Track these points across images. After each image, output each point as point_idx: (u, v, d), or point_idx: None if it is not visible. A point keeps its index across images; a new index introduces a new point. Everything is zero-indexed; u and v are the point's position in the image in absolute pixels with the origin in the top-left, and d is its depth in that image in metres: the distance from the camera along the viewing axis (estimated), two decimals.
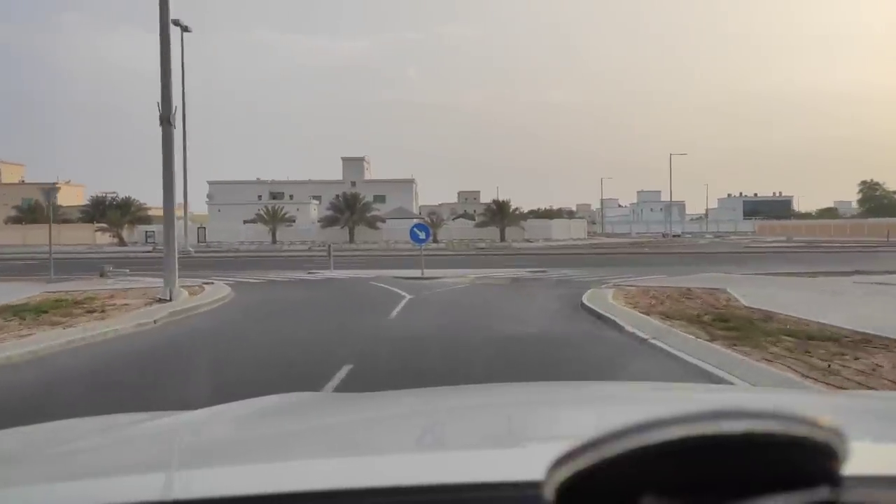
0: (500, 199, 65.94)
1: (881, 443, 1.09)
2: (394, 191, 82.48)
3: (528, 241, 63.38)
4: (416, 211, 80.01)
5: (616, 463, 0.57)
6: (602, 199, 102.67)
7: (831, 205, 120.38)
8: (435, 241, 60.54)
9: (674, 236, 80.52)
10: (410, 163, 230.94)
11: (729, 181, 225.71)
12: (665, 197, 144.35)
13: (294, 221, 66.05)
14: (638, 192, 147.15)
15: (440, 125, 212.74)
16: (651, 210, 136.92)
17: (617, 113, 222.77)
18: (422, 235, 23.53)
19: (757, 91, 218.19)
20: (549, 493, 0.59)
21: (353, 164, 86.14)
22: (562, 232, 70.57)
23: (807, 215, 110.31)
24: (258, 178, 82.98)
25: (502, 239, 62.92)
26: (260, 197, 76.37)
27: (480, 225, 65.51)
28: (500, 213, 64.26)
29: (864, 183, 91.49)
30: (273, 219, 62.66)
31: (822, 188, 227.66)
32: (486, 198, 77.75)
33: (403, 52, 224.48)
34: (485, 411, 1.50)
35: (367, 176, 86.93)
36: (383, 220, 64.95)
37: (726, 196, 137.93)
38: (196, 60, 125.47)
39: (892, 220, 73.55)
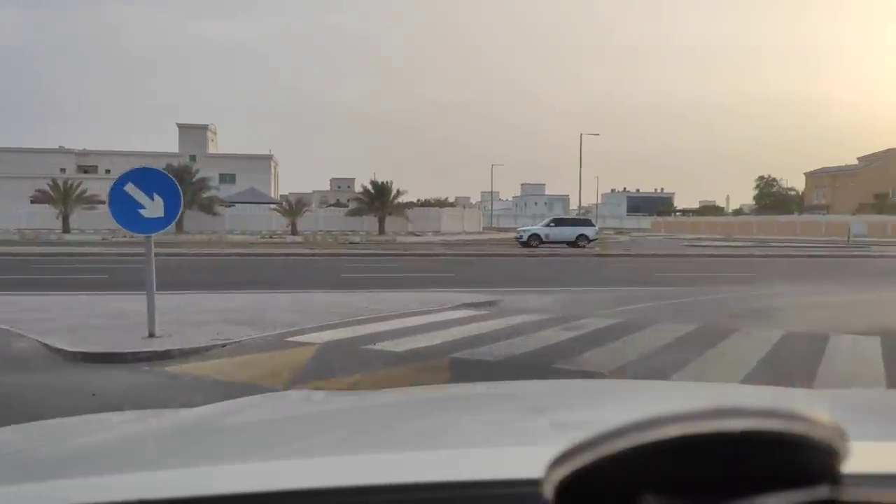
0: (382, 181, 50.26)
1: (881, 441, 1.05)
2: (246, 169, 64.22)
3: (413, 233, 48.42)
4: (275, 195, 62.90)
5: (615, 461, 0.55)
6: (492, 190, 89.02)
7: (705, 201, 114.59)
8: (294, 232, 45.08)
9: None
10: (279, 152, 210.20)
11: (612, 178, 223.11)
12: (549, 190, 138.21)
13: (105, 203, 47.18)
14: (522, 184, 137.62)
15: (317, 116, 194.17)
16: (535, 203, 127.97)
17: (501, 112, 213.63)
18: (145, 209, 7.11)
19: (642, 98, 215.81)
20: (548, 491, 0.57)
21: (193, 133, 65.50)
22: (454, 223, 56.19)
23: (688, 211, 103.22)
24: (61, 147, 62.63)
25: (381, 231, 47.57)
26: (64, 170, 56.41)
27: (354, 213, 49.51)
28: (378, 199, 48.75)
29: (760, 178, 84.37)
30: (65, 198, 43.58)
31: (696, 186, 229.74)
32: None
33: (280, 37, 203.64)
34: (483, 409, 1.45)
35: (213, 150, 67.75)
36: (225, 204, 47.74)
37: (610, 191, 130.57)
38: None
39: (789, 217, 66.67)
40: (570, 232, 32.48)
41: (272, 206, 52.31)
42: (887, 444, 1.01)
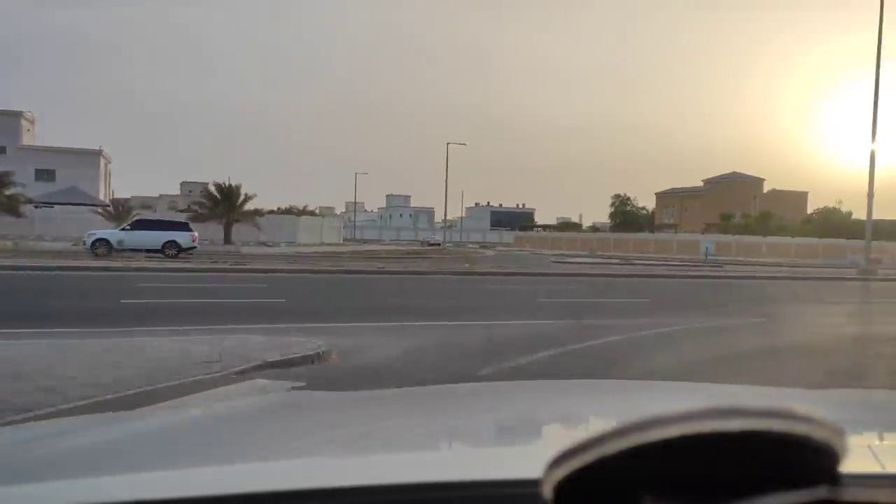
0: (229, 183, 44.16)
1: (880, 441, 1.06)
2: (70, 165, 54.33)
3: (265, 244, 42.93)
4: (106, 196, 54.45)
5: (614, 461, 0.54)
6: (355, 200, 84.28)
7: (563, 217, 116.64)
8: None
9: (430, 245, 65.58)
10: (125, 152, 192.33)
11: (476, 192, 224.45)
12: (414, 203, 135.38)
13: None
14: (387, 195, 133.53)
15: (172, 115, 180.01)
16: (401, 215, 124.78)
17: (367, 121, 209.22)
18: None
19: (503, 113, 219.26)
20: (547, 491, 0.56)
21: (3, 121, 53.90)
22: (312, 234, 51.16)
23: (548, 226, 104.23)
24: None
25: (227, 240, 41.69)
26: None
27: (195, 219, 42.89)
28: (225, 203, 42.79)
29: (616, 196, 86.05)
30: None
31: (554, 202, 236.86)
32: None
33: (135, 33, 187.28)
34: (483, 409, 1.42)
35: (30, 142, 57.04)
36: (36, 204, 39.71)
37: (475, 205, 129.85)
38: None
39: (643, 235, 68.17)
40: (154, 238, 25.48)
41: (98, 209, 44.63)
42: (885, 445, 1.00)
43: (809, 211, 78.82)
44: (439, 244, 64.17)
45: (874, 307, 16.02)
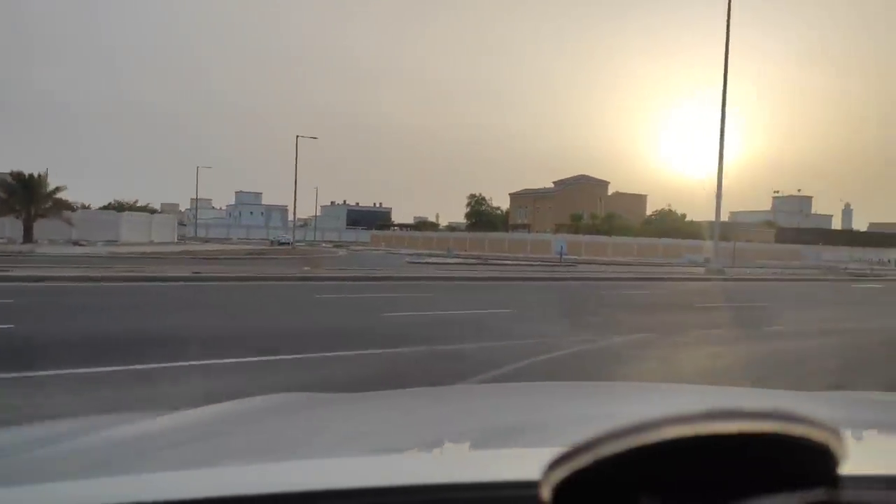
0: (30, 173, 36.91)
1: (878, 443, 1.05)
2: None
3: (78, 243, 36.37)
4: None
5: (612, 463, 0.54)
6: (196, 196, 76.69)
7: (420, 217, 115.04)
8: None
9: (281, 244, 60.83)
10: None
11: (332, 190, 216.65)
12: (266, 200, 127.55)
13: None
14: (236, 192, 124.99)
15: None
16: (251, 213, 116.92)
17: (212, 114, 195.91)
18: None
19: (358, 111, 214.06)
20: (545, 493, 0.56)
21: None
22: (139, 232, 44.71)
23: (405, 225, 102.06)
24: None
25: (27, 238, 34.85)
26: None
27: None
28: (25, 193, 35.74)
29: (472, 196, 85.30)
30: None
31: (411, 202, 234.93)
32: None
33: None
34: (481, 411, 1.40)
35: None
36: None
37: (330, 204, 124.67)
38: None
39: (498, 234, 67.88)
40: None
41: None
42: (883, 446, 0.99)
43: (648, 212, 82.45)
44: (289, 243, 59.36)
45: (752, 313, 14.43)
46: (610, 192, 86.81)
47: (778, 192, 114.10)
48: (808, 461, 0.55)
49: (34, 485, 0.85)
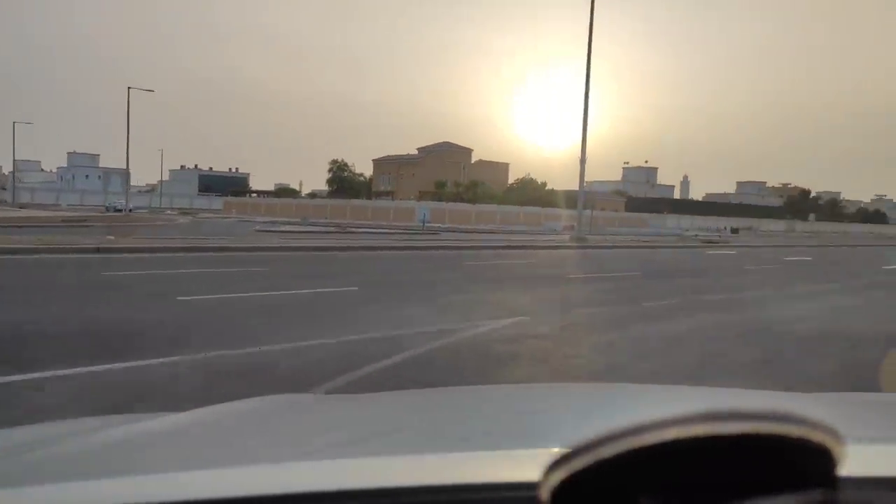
0: None
1: (878, 444, 1.03)
2: None
3: None
4: None
5: (612, 464, 0.53)
6: (14, 157, 66.37)
7: (281, 184, 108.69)
8: None
9: (117, 210, 54.34)
10: None
11: (183, 154, 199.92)
12: (104, 163, 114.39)
13: None
14: (68, 153, 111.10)
15: None
16: (87, 177, 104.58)
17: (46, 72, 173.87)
18: None
19: (214, 76, 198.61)
20: (544, 494, 0.55)
21: None
22: None
23: (264, 192, 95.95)
24: None
25: None
26: None
27: None
28: None
29: (333, 162, 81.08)
30: None
31: (273, 169, 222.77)
32: None
33: None
34: (480, 412, 1.39)
35: None
36: None
37: (179, 168, 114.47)
38: None
39: (360, 201, 65.28)
40: None
41: None
42: (883, 448, 0.99)
43: (510, 181, 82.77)
44: (122, 210, 52.85)
45: (628, 284, 12.96)
46: (473, 159, 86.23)
47: (627, 163, 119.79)
48: (807, 462, 0.55)
49: (33, 486, 0.83)
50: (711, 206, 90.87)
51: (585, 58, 28.86)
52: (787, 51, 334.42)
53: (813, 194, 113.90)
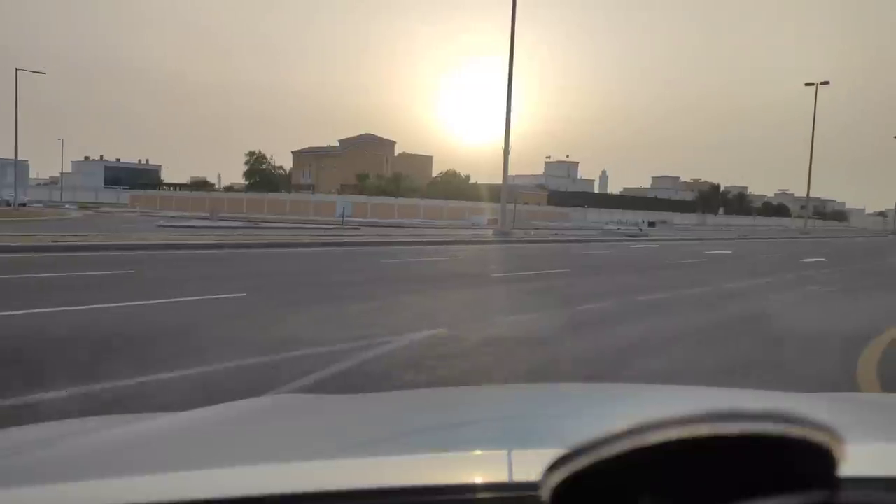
0: None
1: (878, 444, 1.03)
2: None
3: None
4: None
5: (613, 465, 0.53)
6: None
7: (198, 177, 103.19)
8: None
9: (7, 204, 49.68)
10: None
11: (91, 145, 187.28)
12: (2, 153, 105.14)
13: None
14: None
15: None
16: None
17: None
18: None
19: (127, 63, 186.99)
20: (545, 494, 0.55)
21: None
22: None
23: (178, 185, 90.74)
24: None
25: None
26: None
27: None
28: None
29: (251, 154, 77.02)
30: None
31: (189, 161, 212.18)
32: None
33: None
34: (481, 412, 1.37)
35: None
36: None
37: (84, 159, 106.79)
38: None
39: (278, 195, 62.50)
40: None
41: None
42: (884, 448, 0.99)
43: (434, 174, 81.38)
44: (10, 203, 48.14)
45: (558, 282, 11.74)
46: (397, 152, 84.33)
47: (549, 157, 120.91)
48: (807, 463, 0.55)
49: (29, 487, 0.82)
50: (629, 200, 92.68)
51: (508, 50, 27.94)
52: (699, 51, 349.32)
53: (722, 189, 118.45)
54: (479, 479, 0.75)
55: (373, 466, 0.87)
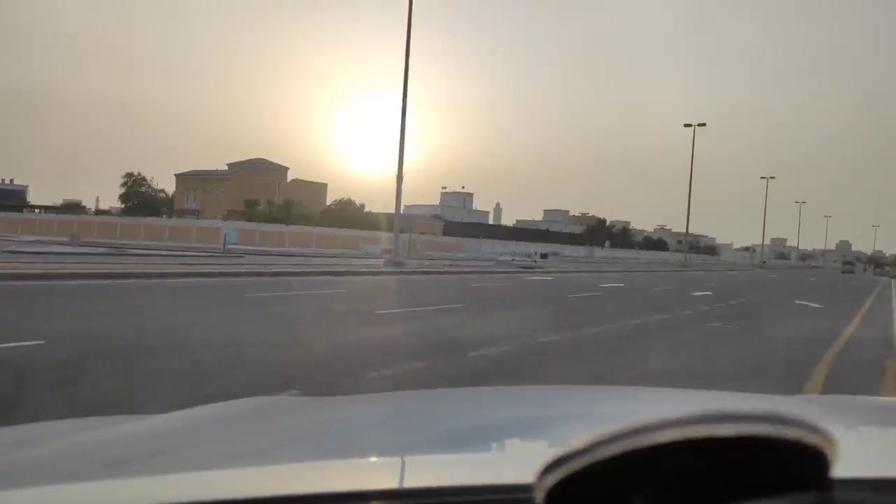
0: None
1: (871, 446, 1.04)
2: None
3: None
4: None
5: (607, 466, 0.53)
6: None
7: (71, 199, 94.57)
8: None
9: None
10: None
11: None
12: None
13: None
14: None
15: None
16: None
17: None
18: None
19: None
20: (539, 496, 0.55)
21: None
22: None
23: (48, 207, 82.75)
24: None
25: None
26: None
27: None
28: None
29: (128, 175, 71.24)
30: None
31: (62, 182, 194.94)
32: None
33: None
34: (475, 414, 1.35)
35: None
36: None
37: None
38: None
39: (157, 220, 58.20)
40: None
41: None
42: (877, 449, 0.97)
43: (328, 202, 78.86)
44: None
45: (451, 320, 10.32)
46: (290, 178, 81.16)
47: (445, 187, 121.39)
48: (801, 464, 0.54)
49: (14, 489, 0.79)
50: (522, 233, 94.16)
51: (403, 76, 26.92)
52: (589, 93, 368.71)
53: (608, 223, 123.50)
54: (472, 481, 0.74)
55: (362, 468, 0.85)
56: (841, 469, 0.56)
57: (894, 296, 24.94)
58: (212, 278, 16.60)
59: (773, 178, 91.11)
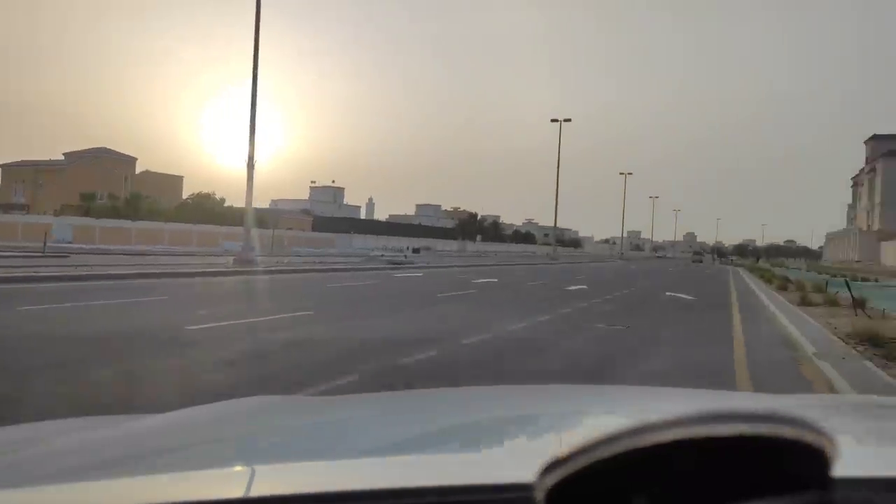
0: None
1: (872, 445, 1.04)
2: None
3: None
4: None
5: (608, 466, 0.53)
6: None
7: None
8: None
9: None
10: None
11: None
12: None
13: None
14: None
15: None
16: None
17: None
18: None
19: None
20: (539, 496, 0.54)
21: None
22: None
23: None
24: None
25: None
26: None
27: None
28: None
29: None
30: None
31: None
32: None
33: None
34: (475, 413, 1.35)
35: None
36: None
37: None
38: None
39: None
40: None
41: None
42: (876, 449, 0.97)
43: (185, 196, 72.53)
44: None
45: (293, 335, 8.07)
46: (139, 170, 73.79)
47: (315, 182, 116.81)
48: (801, 463, 0.54)
49: (9, 489, 0.79)
50: (395, 227, 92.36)
51: (253, 56, 24.06)
52: (457, 89, 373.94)
53: (479, 217, 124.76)
54: (472, 480, 0.74)
55: (361, 467, 0.84)
56: (841, 468, 0.55)
57: (754, 286, 25.66)
58: (18, 284, 13.14)
59: (630, 174, 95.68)
